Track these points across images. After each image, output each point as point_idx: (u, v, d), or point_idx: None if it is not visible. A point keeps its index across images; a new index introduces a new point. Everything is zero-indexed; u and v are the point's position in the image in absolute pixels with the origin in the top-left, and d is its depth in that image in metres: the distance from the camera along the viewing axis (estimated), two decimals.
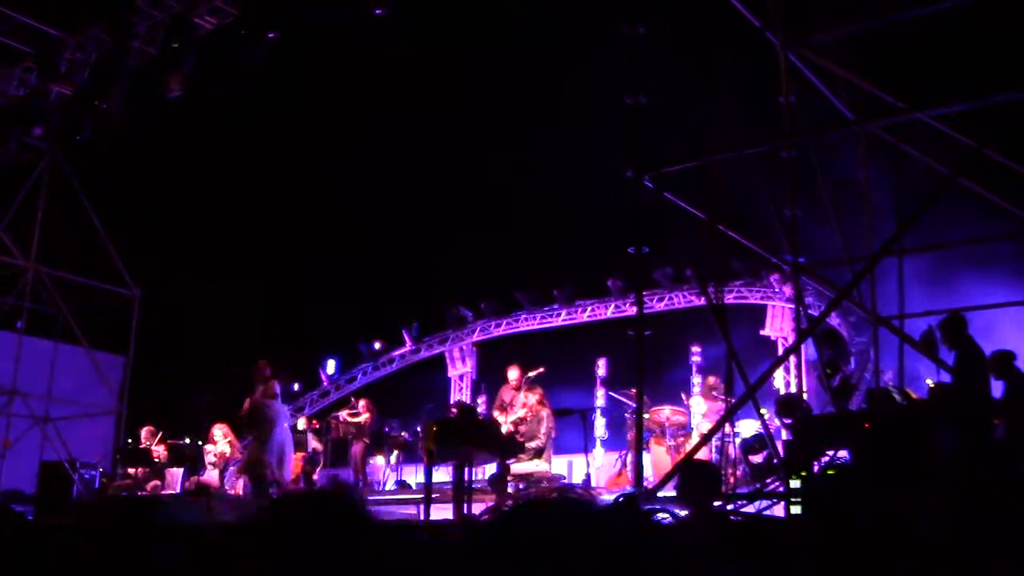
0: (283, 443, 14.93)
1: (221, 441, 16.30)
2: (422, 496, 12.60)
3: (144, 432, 17.58)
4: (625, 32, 11.98)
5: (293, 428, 18.23)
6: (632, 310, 19.19)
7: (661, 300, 21.84)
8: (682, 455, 13.72)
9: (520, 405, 14.98)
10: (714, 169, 12.48)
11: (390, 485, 18.31)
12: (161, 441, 17.25)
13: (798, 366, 17.95)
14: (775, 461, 11.94)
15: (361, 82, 22.29)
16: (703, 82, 12.75)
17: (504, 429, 14.39)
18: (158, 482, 16.70)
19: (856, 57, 13.52)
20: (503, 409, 15.22)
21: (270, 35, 15.42)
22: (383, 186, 24.10)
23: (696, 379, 19.11)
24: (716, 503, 10.42)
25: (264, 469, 14.38)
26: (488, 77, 21.85)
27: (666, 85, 13.03)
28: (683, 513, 1.34)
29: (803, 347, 14.87)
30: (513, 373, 15.48)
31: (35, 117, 18.02)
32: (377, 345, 25.63)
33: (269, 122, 22.75)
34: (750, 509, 10.54)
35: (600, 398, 20.96)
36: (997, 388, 11.12)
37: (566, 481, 16.11)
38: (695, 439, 14.18)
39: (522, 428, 14.63)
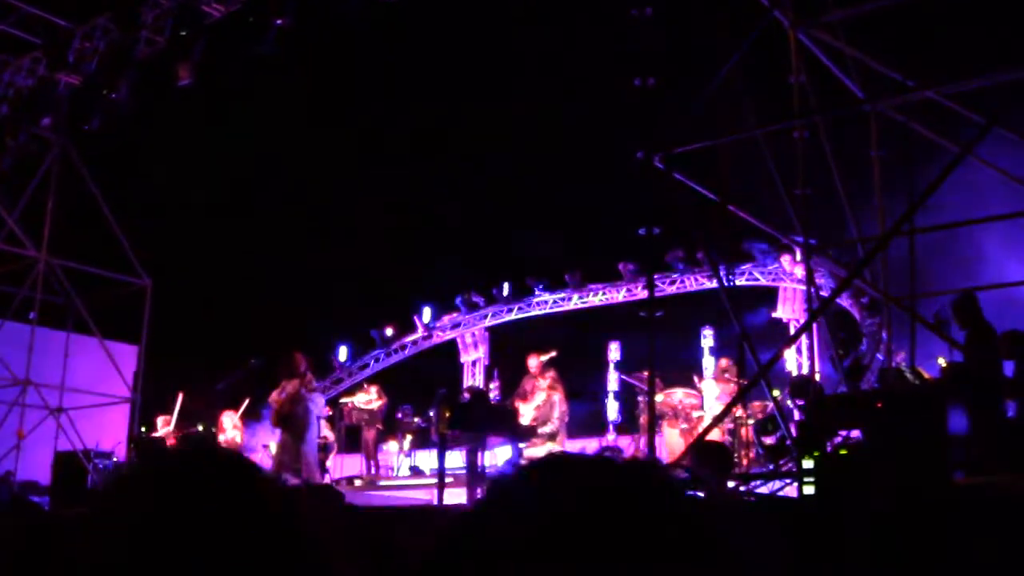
0: (314, 441, 14.86)
1: (230, 429, 16.33)
2: (436, 481, 12.63)
3: (161, 421, 17.60)
4: (634, 14, 11.95)
5: None
6: (644, 294, 19.18)
7: (673, 283, 21.81)
8: (695, 437, 13.71)
9: (539, 391, 15.01)
10: (725, 150, 12.44)
11: (403, 471, 18.33)
12: (177, 429, 17.28)
13: (810, 347, 17.95)
14: (788, 442, 11.93)
15: (367, 68, 22.27)
16: (713, 62, 12.71)
17: (527, 419, 14.41)
18: None
19: (866, 36, 13.47)
20: (523, 398, 15.23)
21: (278, 22, 15.40)
22: (394, 172, 24.08)
23: (708, 362, 19.08)
24: (729, 483, 10.43)
25: (304, 467, 14.34)
26: (495, 62, 21.81)
27: (675, 66, 12.99)
28: (699, 495, 1.25)
29: (815, 328, 14.85)
30: (533, 362, 15.48)
31: (44, 107, 18.04)
32: (389, 331, 25.62)
33: (278, 109, 22.74)
34: (764, 490, 10.54)
35: (613, 382, 20.94)
36: (1007, 367, 11.09)
37: None
38: (708, 421, 14.17)
39: (535, 412, 14.66)
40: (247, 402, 16.43)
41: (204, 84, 16.70)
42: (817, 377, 16.47)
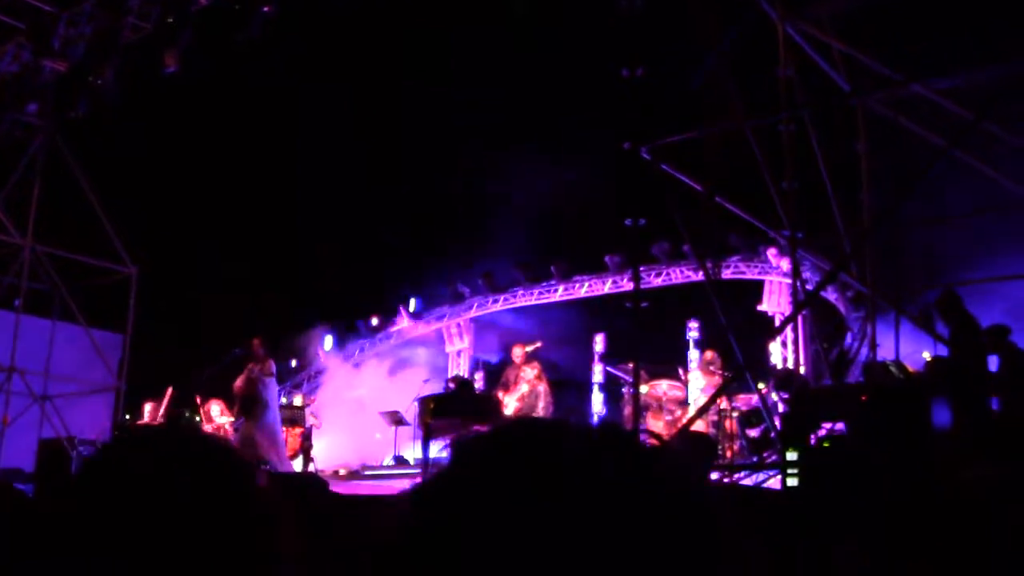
0: (274, 423, 14.95)
1: (217, 417, 16.33)
2: (420, 471, 12.64)
3: (148, 408, 17.57)
4: (623, 4, 11.94)
5: (290, 404, 18.25)
6: (629, 286, 19.17)
7: (659, 275, 21.80)
8: (679, 428, 13.75)
9: (522, 382, 15.04)
10: (712, 142, 12.46)
11: (388, 460, 18.33)
12: (164, 417, 17.25)
13: (795, 340, 17.98)
14: (772, 434, 11.97)
15: (353, 53, 22.21)
16: (701, 55, 12.72)
17: (510, 409, 14.43)
18: None
19: (854, 30, 13.48)
20: (506, 388, 15.26)
21: (264, 9, 15.36)
22: (379, 160, 24.05)
23: (693, 354, 19.12)
24: (714, 475, 10.47)
25: (256, 450, 14.41)
26: (481, 48, 21.76)
27: (663, 57, 12.99)
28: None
29: (800, 321, 14.89)
30: (517, 351, 15.51)
31: (29, 94, 17.97)
32: (375, 321, 25.59)
33: (264, 96, 22.69)
34: (748, 482, 10.58)
35: (598, 373, 20.96)
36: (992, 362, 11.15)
37: None
38: (692, 414, 14.21)
39: (519, 403, 14.69)
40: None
41: (191, 71, 16.65)
42: (802, 370, 16.52)
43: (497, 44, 21.04)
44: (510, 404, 14.70)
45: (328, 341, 25.26)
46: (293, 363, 24.83)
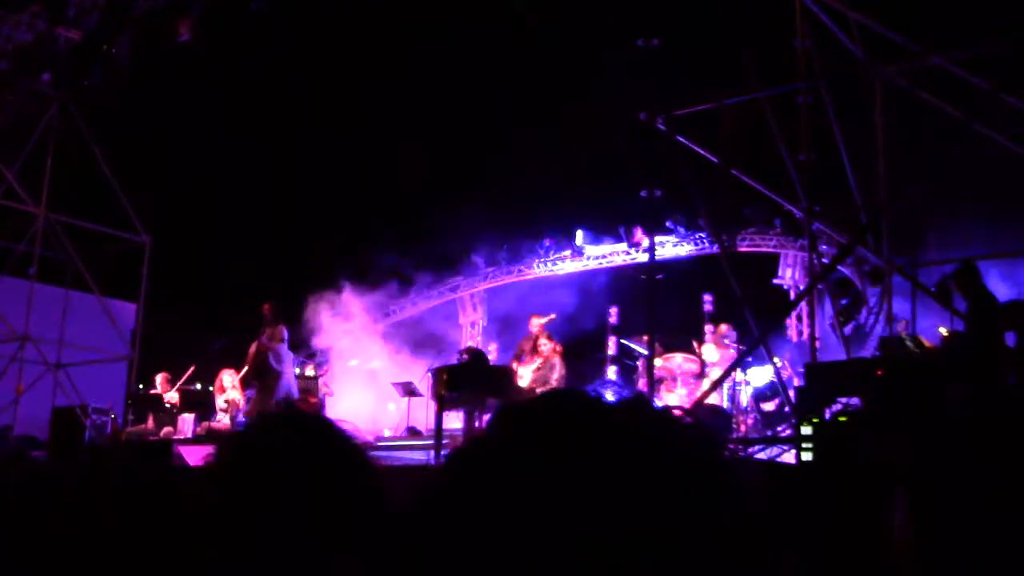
0: (288, 390, 14.98)
1: (230, 388, 16.33)
2: (432, 442, 12.64)
3: (160, 378, 17.61)
4: None
5: (303, 375, 18.26)
6: (644, 257, 19.12)
7: (674, 247, 21.75)
8: (693, 402, 13.73)
9: (538, 353, 15.03)
10: (728, 113, 12.38)
11: (401, 431, 18.35)
12: (177, 387, 17.29)
13: (810, 314, 17.92)
14: (787, 408, 11.94)
15: (365, 20, 22.11)
16: (717, 25, 12.62)
17: (525, 380, 14.41)
18: (171, 428, 16.76)
19: (872, 1, 13.38)
20: (520, 359, 15.24)
21: None
22: (396, 129, 23.96)
23: (708, 327, 19.05)
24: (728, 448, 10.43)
25: None
26: (497, 21, 21.65)
27: (679, 27, 12.90)
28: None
29: (816, 295, 14.83)
30: (535, 322, 15.50)
31: (44, 63, 17.93)
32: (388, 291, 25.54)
33: (277, 65, 22.61)
34: (762, 455, 10.56)
35: (611, 346, 20.93)
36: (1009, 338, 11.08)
37: None
38: (707, 386, 14.17)
39: (534, 374, 14.67)
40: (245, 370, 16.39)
41: (205, 40, 16.59)
42: (817, 344, 16.46)
43: (506, 18, 20.94)
44: (525, 375, 14.68)
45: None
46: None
